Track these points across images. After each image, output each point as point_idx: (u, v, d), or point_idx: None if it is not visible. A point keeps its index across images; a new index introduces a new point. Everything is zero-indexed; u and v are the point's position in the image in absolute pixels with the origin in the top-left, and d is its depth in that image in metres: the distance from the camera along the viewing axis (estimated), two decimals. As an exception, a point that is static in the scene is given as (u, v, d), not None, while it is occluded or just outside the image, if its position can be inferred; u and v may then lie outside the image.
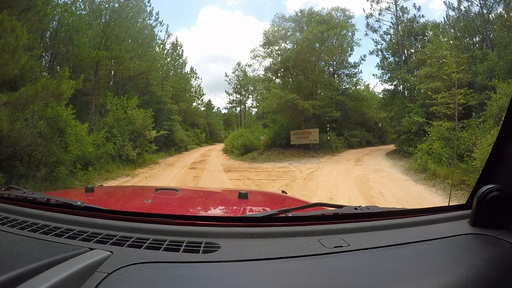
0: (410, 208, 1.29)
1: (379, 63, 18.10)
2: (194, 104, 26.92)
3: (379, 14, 17.68)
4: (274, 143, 17.69)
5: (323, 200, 1.52)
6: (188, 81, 25.57)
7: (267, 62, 18.69)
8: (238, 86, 28.33)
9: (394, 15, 17.31)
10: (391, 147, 18.07)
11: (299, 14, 18.14)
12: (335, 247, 0.97)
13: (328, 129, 18.62)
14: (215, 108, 31.72)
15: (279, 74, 18.46)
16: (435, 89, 12.36)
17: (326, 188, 8.61)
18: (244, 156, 17.05)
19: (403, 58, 16.88)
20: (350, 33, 18.57)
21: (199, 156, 18.18)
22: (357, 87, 21.09)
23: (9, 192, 1.46)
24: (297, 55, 16.76)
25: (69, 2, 14.59)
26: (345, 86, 20.48)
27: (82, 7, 15.41)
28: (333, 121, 19.30)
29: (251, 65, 20.37)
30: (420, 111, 13.57)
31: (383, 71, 17.86)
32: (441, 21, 16.26)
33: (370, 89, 21.99)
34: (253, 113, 27.83)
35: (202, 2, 35.76)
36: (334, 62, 20.39)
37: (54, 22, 14.10)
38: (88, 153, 10.32)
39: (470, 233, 1.09)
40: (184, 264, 0.87)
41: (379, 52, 18.10)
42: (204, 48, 39.13)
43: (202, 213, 1.67)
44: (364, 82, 21.52)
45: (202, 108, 28.63)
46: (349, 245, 0.99)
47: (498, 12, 13.69)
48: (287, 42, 17.98)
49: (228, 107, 30.16)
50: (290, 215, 1.18)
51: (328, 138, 17.47)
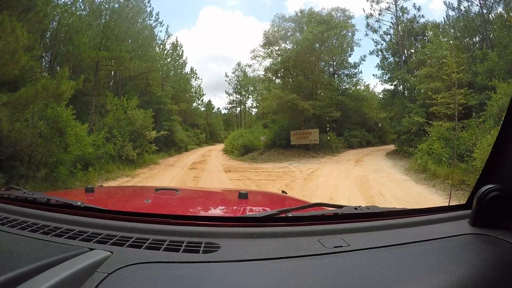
0: (410, 208, 1.29)
1: (379, 63, 17.98)
2: (194, 105, 26.49)
3: (379, 14, 17.55)
4: (274, 144, 17.61)
5: (323, 200, 1.52)
6: (188, 82, 25.24)
7: (267, 63, 18.59)
8: (238, 87, 28.01)
9: (394, 15, 17.24)
10: (391, 147, 18.00)
11: (299, 15, 18.10)
12: (335, 247, 0.98)
13: (328, 130, 18.58)
14: (215, 109, 31.32)
15: (279, 74, 18.42)
16: (435, 89, 12.34)
17: (326, 189, 8.62)
18: (244, 157, 17.01)
19: (403, 58, 16.81)
20: (350, 33, 18.52)
21: (199, 157, 18.12)
22: (357, 87, 20.95)
23: (9, 192, 1.47)
24: (297, 55, 16.72)
25: (69, 3, 14.59)
26: (345, 87, 20.36)
27: (82, 8, 15.41)
28: (333, 121, 19.22)
29: (251, 65, 20.33)
30: (420, 111, 13.50)
31: (383, 71, 17.74)
32: (441, 21, 16.18)
33: (370, 90, 21.84)
34: (253, 114, 27.52)
35: (202, 3, 35.60)
36: (334, 63, 20.30)
37: (54, 23, 14.10)
38: (88, 154, 10.31)
39: (470, 233, 1.09)
40: (184, 264, 0.87)
41: (379, 52, 17.99)
42: (204, 49, 38.94)
43: (202, 213, 1.67)
44: (364, 82, 21.31)
45: (202, 109, 28.09)
46: (349, 245, 0.99)
47: (498, 12, 13.67)
48: (287, 42, 17.96)
49: (228, 107, 29.84)
50: (290, 215, 1.18)
51: (328, 139, 17.44)
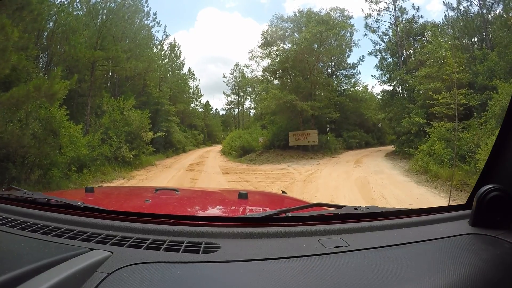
0: (410, 208, 1.30)
1: (378, 64, 17.92)
2: (192, 106, 26.28)
3: (378, 15, 17.50)
4: (273, 145, 17.42)
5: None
6: (186, 82, 25.13)
7: (265, 63, 18.53)
8: (236, 88, 27.95)
9: (393, 16, 17.16)
10: (390, 148, 17.92)
11: (298, 15, 17.99)
12: (335, 247, 0.98)
13: (328, 130, 18.51)
14: (213, 110, 31.19)
15: (278, 75, 18.31)
16: (435, 90, 12.24)
17: (326, 191, 8.50)
18: (242, 158, 16.73)
19: (402, 59, 16.74)
20: (349, 34, 18.44)
21: (197, 158, 17.89)
22: (356, 88, 20.85)
23: (9, 193, 1.47)
24: (296, 56, 16.64)
25: (66, 2, 14.40)
26: (344, 87, 20.26)
27: (79, 7, 15.23)
28: (332, 122, 19.11)
29: (249, 66, 20.30)
30: (420, 112, 13.34)
31: (382, 72, 17.69)
32: (440, 22, 16.19)
33: (369, 90, 21.72)
34: (251, 115, 27.46)
35: (201, 4, 35.43)
36: (333, 63, 20.19)
37: (51, 23, 13.95)
38: (83, 155, 10.09)
39: (470, 233, 1.09)
40: (184, 264, 0.87)
41: (378, 53, 17.91)
42: (203, 50, 38.77)
43: (202, 213, 1.68)
44: (363, 83, 21.17)
45: (200, 110, 27.84)
46: (349, 245, 0.99)
47: (498, 12, 13.62)
48: (286, 43, 17.84)
49: (226, 108, 29.72)
50: (290, 215, 1.19)
51: (328, 139, 17.32)
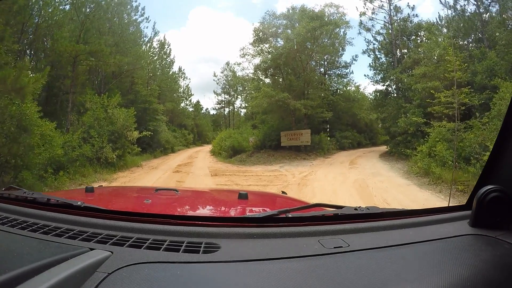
0: (410, 209, 1.30)
1: (371, 64, 17.71)
2: (182, 105, 26.16)
3: (372, 13, 17.23)
4: (264, 145, 16.81)
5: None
6: (176, 81, 24.78)
7: (257, 61, 18.00)
8: (227, 86, 27.50)
9: (388, 14, 16.88)
10: (383, 149, 17.69)
11: (291, 11, 17.48)
12: (335, 248, 0.98)
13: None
14: (204, 109, 30.72)
15: (269, 73, 17.77)
16: (434, 89, 11.88)
17: (324, 195, 8.05)
18: (232, 159, 16.16)
19: (397, 58, 16.45)
20: (342, 33, 18.05)
21: (186, 158, 17.30)
22: (348, 88, 20.57)
23: (9, 192, 1.48)
24: (289, 53, 16.18)
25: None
26: (336, 87, 20.01)
27: (66, 1, 14.41)
28: (325, 122, 18.77)
29: (240, 64, 19.59)
30: (417, 112, 12.97)
31: (375, 72, 17.48)
32: (434, 21, 15.98)
33: (361, 90, 21.48)
34: (242, 114, 27.01)
35: (192, 3, 34.71)
36: (325, 62, 19.89)
37: (38, 18, 13.24)
38: (58, 156, 9.32)
39: (470, 234, 1.09)
40: (184, 264, 0.87)
41: (372, 52, 17.70)
42: (194, 50, 38.12)
43: (202, 214, 1.68)
44: (355, 83, 20.94)
45: (191, 109, 27.67)
46: (349, 246, 0.99)
47: (495, 11, 13.51)
48: (278, 40, 17.27)
49: (216, 108, 29.21)
50: (290, 216, 1.19)
51: (321, 140, 16.90)
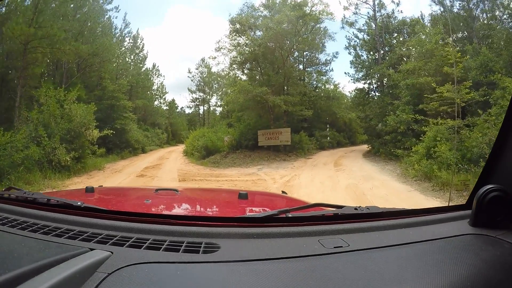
0: (410, 209, 1.30)
1: (353, 61, 17.08)
2: (156, 103, 25.05)
3: (356, 8, 16.56)
4: (240, 145, 15.56)
5: None
6: (149, 78, 23.56)
7: (234, 55, 16.70)
8: (202, 84, 26.45)
9: (372, 9, 16.25)
10: (364, 148, 17.17)
11: (271, 1, 16.39)
12: (335, 248, 0.98)
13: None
14: (180, 108, 29.61)
15: (246, 67, 16.60)
16: (427, 84, 11.22)
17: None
18: (205, 160, 14.84)
19: (381, 54, 15.87)
20: (323, 29, 17.12)
21: (156, 160, 16.07)
22: (327, 86, 19.88)
23: (9, 193, 1.48)
24: (268, 44, 15.13)
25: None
26: (316, 84, 19.16)
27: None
28: (304, 121, 17.87)
29: (215, 58, 18.15)
30: (407, 109, 12.09)
31: (357, 69, 16.87)
32: (419, 18, 15.38)
33: (340, 88, 20.77)
34: (218, 113, 25.99)
35: (170, 1, 33.30)
36: (305, 59, 18.94)
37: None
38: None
39: (470, 234, 1.09)
40: (184, 264, 0.87)
41: (354, 49, 17.04)
42: (171, 48, 36.81)
43: (202, 214, 1.69)
44: (334, 81, 19.91)
45: (165, 108, 26.48)
46: (349, 246, 0.99)
47: (485, 7, 13.17)
48: (257, 32, 16.00)
49: (191, 106, 28.08)
50: (290, 216, 1.19)
51: (301, 139, 15.96)
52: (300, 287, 0.79)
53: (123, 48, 20.34)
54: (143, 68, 22.65)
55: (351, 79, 17.53)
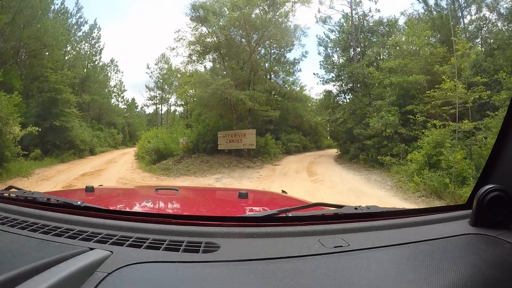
0: (410, 208, 1.29)
1: (323, 61, 16.57)
2: (114, 101, 23.57)
3: (331, 2, 16.75)
4: (197, 148, 13.91)
5: None
6: (105, 73, 22.05)
7: (195, 47, 14.92)
8: (161, 80, 24.91)
9: (348, 6, 15.55)
10: (332, 153, 16.69)
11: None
12: (335, 247, 0.97)
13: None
14: (139, 107, 28.27)
15: (207, 58, 14.86)
16: (418, 83, 10.46)
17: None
18: (156, 165, 13.04)
19: (358, 52, 15.18)
20: (293, 26, 15.99)
21: (102, 163, 14.17)
22: (293, 88, 19.06)
23: (9, 192, 1.47)
24: (233, 30, 13.63)
25: None
26: (283, 85, 18.39)
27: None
28: (269, 123, 16.41)
29: (174, 49, 16.25)
30: (393, 110, 10.87)
31: (327, 69, 16.31)
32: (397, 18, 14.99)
33: (307, 91, 20.20)
34: (178, 114, 24.82)
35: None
36: (272, 57, 18.08)
37: None
38: None
39: (470, 233, 1.09)
40: (184, 264, 0.87)
41: (325, 48, 16.60)
42: (133, 47, 35.69)
43: (202, 213, 1.67)
44: (301, 83, 19.74)
45: (123, 106, 25.08)
46: (349, 245, 0.99)
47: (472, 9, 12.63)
48: (221, 20, 14.26)
49: (148, 105, 26.77)
50: (290, 215, 1.19)
51: (266, 143, 14.43)
52: (300, 287, 0.79)
53: (75, 37, 18.84)
54: (100, 62, 21.03)
55: (320, 81, 16.90)
